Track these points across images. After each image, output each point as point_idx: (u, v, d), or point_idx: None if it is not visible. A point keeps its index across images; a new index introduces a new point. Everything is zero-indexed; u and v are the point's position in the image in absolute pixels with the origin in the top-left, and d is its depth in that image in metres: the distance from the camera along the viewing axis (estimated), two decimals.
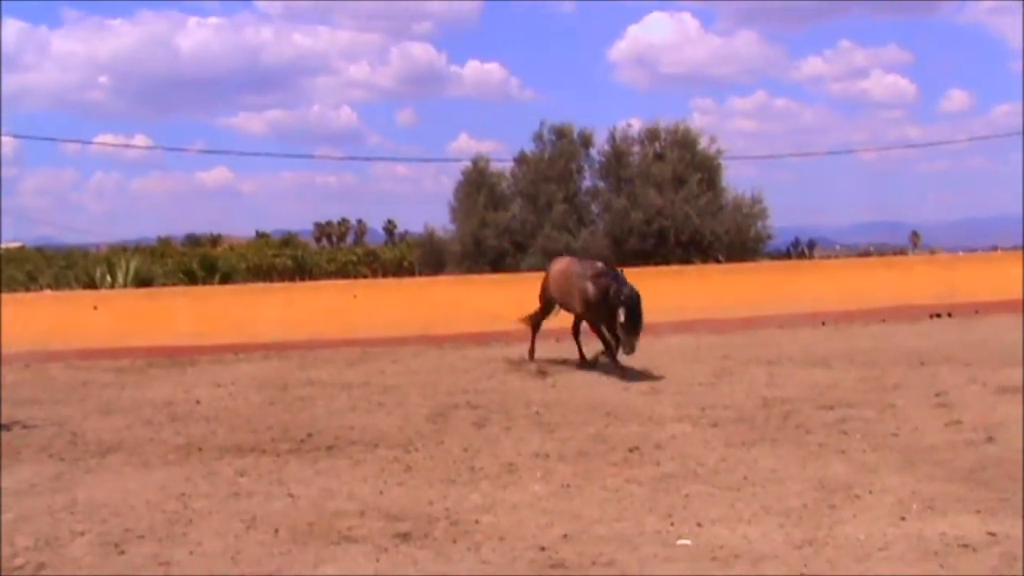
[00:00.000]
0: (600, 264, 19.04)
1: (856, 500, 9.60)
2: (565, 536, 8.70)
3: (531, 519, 9.28)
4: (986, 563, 7.73)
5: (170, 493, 10.51)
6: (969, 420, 13.06)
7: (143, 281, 41.40)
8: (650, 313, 17.49)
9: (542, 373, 18.40)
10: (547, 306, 20.77)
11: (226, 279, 52.87)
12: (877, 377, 16.67)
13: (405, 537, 8.77)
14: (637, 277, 18.67)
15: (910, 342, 21.42)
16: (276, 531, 9.06)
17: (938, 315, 26.98)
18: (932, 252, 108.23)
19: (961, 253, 61.15)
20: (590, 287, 18.33)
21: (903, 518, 8.95)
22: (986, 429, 12.43)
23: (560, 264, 20.58)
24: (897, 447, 11.81)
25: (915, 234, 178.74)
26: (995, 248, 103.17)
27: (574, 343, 19.93)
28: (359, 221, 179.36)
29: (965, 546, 8.12)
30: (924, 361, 18.32)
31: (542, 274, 21.43)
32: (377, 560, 8.21)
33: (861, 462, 11.11)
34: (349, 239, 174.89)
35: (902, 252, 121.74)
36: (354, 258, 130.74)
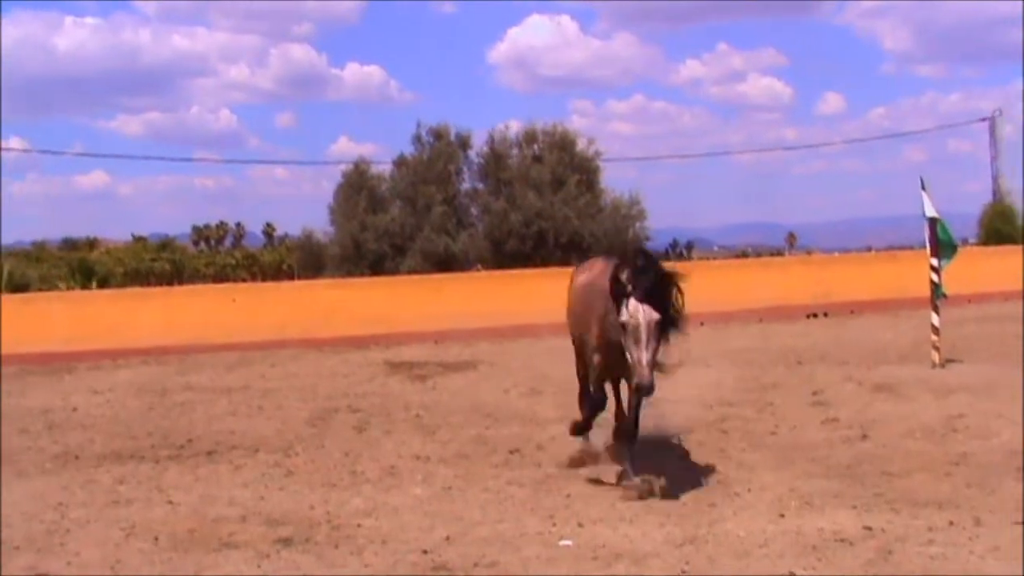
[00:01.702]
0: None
1: (736, 498, 9.73)
2: (447, 538, 8.72)
3: (413, 522, 9.30)
4: (863, 557, 7.88)
5: (47, 503, 10.37)
6: (845, 418, 13.28)
7: (18, 286, 40.82)
8: (529, 314, 17.49)
9: (421, 377, 18.38)
10: (583, 357, 12.32)
11: (103, 283, 52.20)
12: (755, 376, 16.87)
13: (287, 542, 8.74)
14: (517, 279, 18.76)
15: (787, 342, 21.71)
16: (156, 539, 8.97)
17: (814, 315, 27.39)
18: (808, 253, 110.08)
19: (836, 254, 62.07)
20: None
21: (782, 515, 9.10)
22: (862, 426, 12.65)
23: (584, 276, 11.82)
24: (775, 445, 11.98)
25: (791, 235, 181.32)
26: (869, 249, 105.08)
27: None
28: (238, 224, 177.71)
29: (842, 541, 8.27)
30: (801, 360, 18.57)
31: (422, 277, 21.11)
32: (259, 566, 8.18)
33: (740, 460, 11.26)
34: (227, 242, 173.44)
35: (779, 253, 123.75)
36: (233, 261, 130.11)
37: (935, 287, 17.75)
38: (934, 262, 17.66)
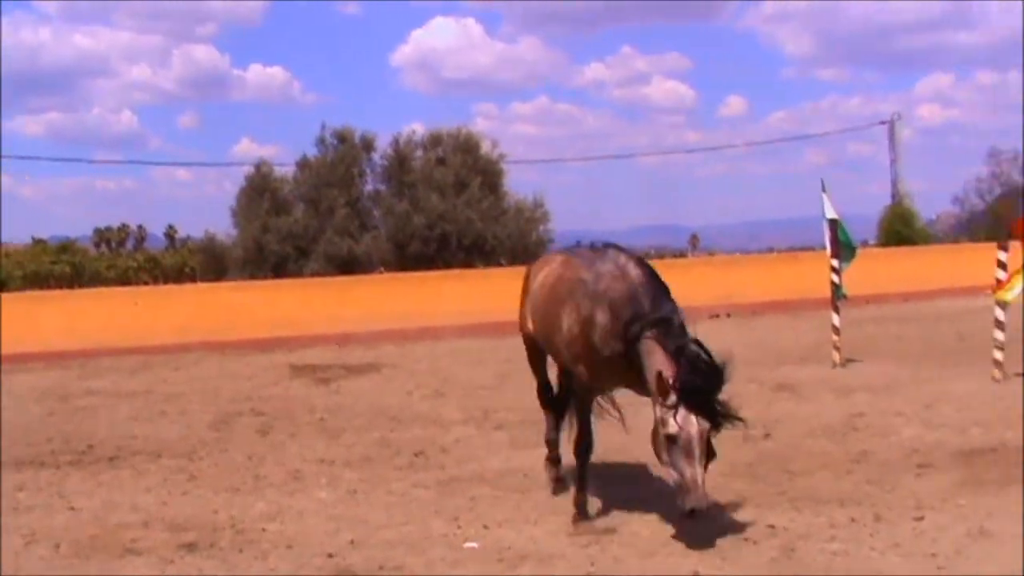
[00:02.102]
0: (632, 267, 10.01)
1: (640, 498, 9.76)
2: (352, 542, 8.69)
3: (318, 526, 9.26)
4: (766, 555, 7.96)
5: None
6: (748, 417, 13.34)
7: None
8: (433, 316, 17.45)
9: (325, 380, 18.30)
10: (536, 361, 11.25)
11: (2, 287, 51.50)
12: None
13: (190, 547, 8.67)
14: (420, 281, 18.70)
15: None
16: (58, 546, 8.86)
17: (717, 316, 27.55)
18: (711, 254, 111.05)
19: (738, 255, 62.74)
20: (599, 317, 9.46)
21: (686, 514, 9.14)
22: (764, 426, 12.72)
23: (550, 268, 10.54)
24: None
25: (694, 237, 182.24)
26: (771, 250, 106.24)
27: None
28: (139, 226, 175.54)
29: (746, 539, 8.36)
30: None
31: (325, 279, 20.93)
32: (163, 572, 8.11)
33: (643, 460, 11.28)
34: (129, 245, 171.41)
35: (682, 255, 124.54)
36: (135, 264, 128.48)
37: (835, 288, 17.97)
38: (834, 263, 17.88)
